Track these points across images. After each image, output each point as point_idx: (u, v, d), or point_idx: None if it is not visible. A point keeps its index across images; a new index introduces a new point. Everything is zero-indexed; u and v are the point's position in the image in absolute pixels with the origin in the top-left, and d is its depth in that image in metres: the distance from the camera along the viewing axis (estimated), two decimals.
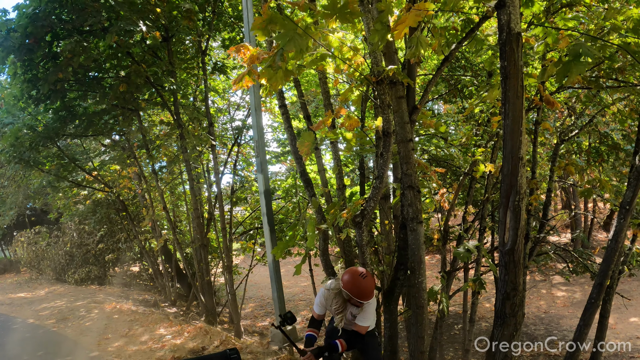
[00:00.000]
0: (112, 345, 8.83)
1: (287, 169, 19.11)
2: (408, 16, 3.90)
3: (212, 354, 1.74)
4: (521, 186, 3.82)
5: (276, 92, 6.09)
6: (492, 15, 4.87)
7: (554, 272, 16.68)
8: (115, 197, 13.89)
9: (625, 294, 11.05)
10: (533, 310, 13.97)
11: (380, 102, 5.25)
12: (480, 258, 7.73)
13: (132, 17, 7.96)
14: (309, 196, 7.79)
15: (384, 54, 5.28)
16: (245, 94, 13.77)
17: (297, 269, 5.70)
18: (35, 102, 9.24)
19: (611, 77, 6.79)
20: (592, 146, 10.17)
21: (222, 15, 11.32)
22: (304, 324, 14.72)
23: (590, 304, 5.84)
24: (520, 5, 4.31)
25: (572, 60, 3.73)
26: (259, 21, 3.96)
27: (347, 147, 6.24)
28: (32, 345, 9.03)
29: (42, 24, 7.87)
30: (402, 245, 5.79)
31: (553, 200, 17.22)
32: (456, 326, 12.89)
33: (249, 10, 7.62)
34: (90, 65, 9.09)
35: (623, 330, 11.38)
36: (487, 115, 8.38)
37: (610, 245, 5.56)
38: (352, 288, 4.62)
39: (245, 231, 14.40)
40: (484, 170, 7.22)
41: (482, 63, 9.05)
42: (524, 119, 3.86)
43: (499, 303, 4.13)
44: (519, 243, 3.90)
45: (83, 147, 13.78)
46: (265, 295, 18.76)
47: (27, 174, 13.40)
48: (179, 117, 10.50)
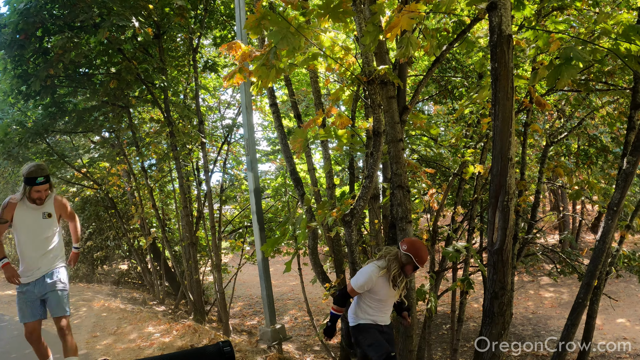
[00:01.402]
0: (100, 343, 8.79)
1: (277, 168, 19.14)
2: (401, 19, 3.92)
3: (206, 346, 1.74)
4: (510, 186, 3.84)
5: (267, 89, 6.10)
6: (484, 17, 4.90)
7: (542, 273, 16.79)
8: (104, 194, 13.81)
9: (613, 295, 11.12)
10: (521, 310, 14.05)
11: (371, 101, 5.27)
12: (469, 258, 7.77)
13: (125, 12, 7.93)
14: (298, 195, 7.81)
15: (375, 54, 5.30)
16: (236, 92, 13.77)
17: (287, 266, 5.71)
18: (25, 98, 9.19)
19: (601, 80, 6.86)
20: (581, 148, 10.26)
21: (214, 13, 11.29)
22: (292, 323, 14.73)
23: (578, 304, 5.89)
24: (511, 8, 4.34)
25: (563, 64, 3.76)
26: (252, 19, 3.97)
27: (339, 145, 6.25)
28: (20, 343, 8.96)
29: (33, 19, 7.82)
30: (391, 244, 5.81)
31: (542, 201, 17.31)
32: (444, 326, 12.95)
33: (241, 9, 7.61)
34: (81, 61, 9.06)
35: (610, 330, 11.48)
36: (477, 116, 8.42)
37: (598, 246, 5.61)
38: (416, 251, 4.61)
39: (235, 230, 14.38)
40: (473, 172, 7.25)
41: (473, 65, 9.10)
42: (514, 120, 3.89)
43: (488, 302, 4.16)
44: (508, 243, 3.93)
45: (72, 144, 13.70)
46: (254, 294, 18.76)
47: (16, 169, 13.30)
48: (169, 114, 10.47)
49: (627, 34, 4.24)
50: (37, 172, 5.14)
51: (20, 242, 5.34)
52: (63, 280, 5.50)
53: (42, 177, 5.14)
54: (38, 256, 5.33)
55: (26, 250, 5.32)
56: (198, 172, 12.26)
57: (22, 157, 10.58)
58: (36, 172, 5.14)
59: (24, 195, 5.23)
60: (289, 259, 5.95)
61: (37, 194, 5.18)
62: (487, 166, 7.46)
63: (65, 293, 5.51)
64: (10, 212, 5.25)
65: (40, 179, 5.14)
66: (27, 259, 5.31)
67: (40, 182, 5.14)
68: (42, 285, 5.31)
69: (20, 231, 5.34)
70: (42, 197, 5.24)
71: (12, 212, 5.25)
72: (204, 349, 1.88)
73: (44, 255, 5.38)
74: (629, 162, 5.30)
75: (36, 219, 5.33)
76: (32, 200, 5.23)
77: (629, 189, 5.50)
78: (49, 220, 5.41)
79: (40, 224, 5.35)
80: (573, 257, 8.87)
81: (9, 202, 5.25)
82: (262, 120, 18.64)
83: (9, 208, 5.23)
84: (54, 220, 5.47)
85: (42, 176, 5.15)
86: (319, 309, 15.47)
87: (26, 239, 5.32)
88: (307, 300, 10.12)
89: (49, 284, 5.34)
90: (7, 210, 5.23)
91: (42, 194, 5.21)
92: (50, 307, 5.38)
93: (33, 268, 5.32)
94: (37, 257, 5.32)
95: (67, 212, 5.67)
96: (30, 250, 5.32)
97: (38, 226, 5.36)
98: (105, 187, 13.60)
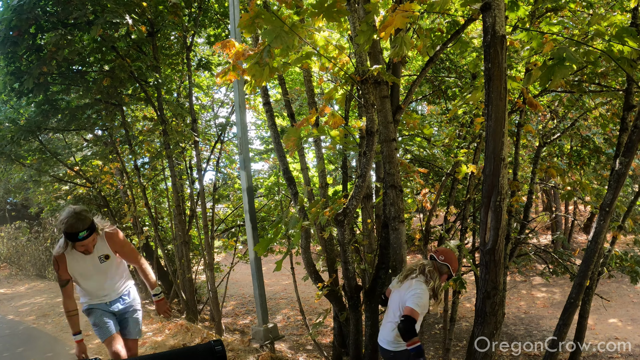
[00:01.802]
0: (92, 342, 8.75)
1: (270, 167, 19.11)
2: (395, 18, 3.92)
3: (198, 345, 1.74)
4: (503, 187, 3.86)
5: (260, 87, 6.10)
6: (478, 17, 4.92)
7: (534, 273, 16.85)
8: (96, 192, 13.75)
9: (605, 295, 11.17)
10: (513, 310, 14.08)
11: (364, 101, 5.27)
12: (462, 258, 7.78)
13: (119, 10, 7.90)
14: (291, 194, 7.80)
15: (369, 53, 5.31)
16: (229, 91, 13.75)
17: (277, 265, 5.70)
18: (18, 95, 9.13)
19: (594, 81, 6.88)
20: (574, 149, 10.30)
21: (208, 11, 11.28)
22: (284, 322, 14.72)
23: (570, 304, 5.90)
24: (505, 9, 4.35)
25: (556, 64, 3.77)
26: (246, 18, 3.96)
27: (333, 143, 6.27)
28: (12, 342, 8.95)
29: (26, 16, 7.78)
30: (383, 244, 5.82)
31: (534, 202, 17.37)
32: (437, 325, 12.97)
33: (235, 7, 7.60)
34: (74, 58, 9.02)
35: (602, 331, 11.51)
36: (470, 116, 8.44)
37: (590, 246, 5.63)
38: (452, 261, 4.57)
39: (227, 229, 14.36)
40: (466, 172, 7.27)
41: (467, 65, 9.12)
42: (507, 120, 3.90)
43: (480, 302, 4.17)
44: (500, 243, 3.94)
45: (65, 142, 13.64)
46: (247, 293, 18.74)
47: (8, 167, 13.24)
48: (162, 112, 10.45)
49: (620, 35, 4.26)
50: (77, 225, 4.37)
51: (86, 290, 4.88)
52: (138, 301, 5.26)
53: (84, 231, 4.39)
54: (108, 295, 4.96)
55: (95, 293, 4.90)
56: (191, 170, 12.22)
57: (15, 154, 10.53)
58: (76, 226, 4.37)
59: (69, 246, 4.59)
60: (281, 258, 5.95)
61: (83, 247, 4.56)
62: (480, 166, 7.47)
63: (140, 314, 5.28)
64: (64, 269, 4.64)
65: (83, 234, 4.40)
66: (96, 298, 4.92)
67: (83, 237, 4.41)
68: (117, 304, 5.02)
69: (82, 282, 4.84)
70: (90, 248, 4.62)
71: (65, 267, 4.65)
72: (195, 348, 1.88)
73: (114, 291, 5.01)
74: (621, 163, 5.32)
75: (94, 266, 4.77)
76: (79, 251, 4.63)
77: (621, 189, 5.52)
78: (108, 262, 4.84)
79: (99, 269, 4.80)
80: (565, 257, 8.90)
81: (56, 259, 4.61)
82: (256, 119, 18.62)
83: (62, 266, 4.61)
84: (114, 259, 4.90)
85: (83, 230, 4.39)
86: (311, 308, 15.47)
87: (91, 288, 4.85)
88: (300, 299, 10.12)
89: (127, 303, 5.09)
90: (61, 270, 4.63)
91: (89, 246, 4.57)
92: (126, 328, 5.08)
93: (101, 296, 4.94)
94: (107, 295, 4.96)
95: (125, 251, 5.03)
96: (98, 295, 4.91)
97: (97, 271, 4.81)
98: (98, 185, 13.54)
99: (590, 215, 17.60)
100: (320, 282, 7.17)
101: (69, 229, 4.34)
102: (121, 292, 5.04)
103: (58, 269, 4.62)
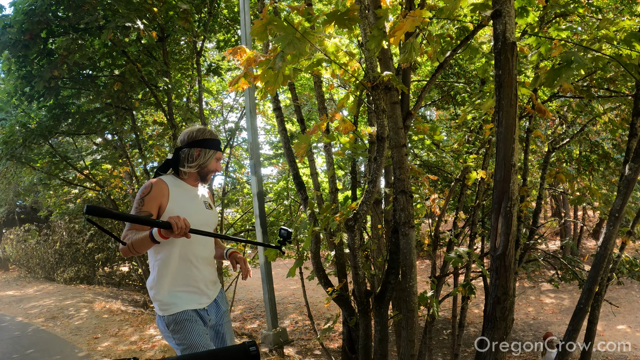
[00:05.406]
0: (101, 345, 8.81)
1: (279, 172, 19.16)
2: (405, 22, 3.95)
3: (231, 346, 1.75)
4: (513, 192, 3.87)
5: (272, 95, 6.13)
6: (487, 24, 4.94)
7: (543, 279, 16.81)
8: (106, 196, 13.82)
9: (614, 301, 11.15)
10: (522, 316, 14.07)
11: (375, 107, 5.29)
12: (470, 263, 7.79)
13: (130, 15, 7.97)
14: (301, 199, 7.83)
15: (379, 59, 5.33)
16: (239, 96, 13.83)
17: (291, 272, 5.74)
18: (29, 99, 9.20)
19: (603, 86, 6.88)
20: (583, 155, 10.28)
21: (218, 16, 11.35)
22: (292, 327, 14.74)
23: (579, 309, 5.89)
24: (515, 16, 4.36)
25: (564, 66, 3.79)
26: (258, 25, 3.99)
27: (342, 149, 6.30)
28: (21, 344, 9.00)
29: (38, 19, 7.86)
30: (393, 249, 5.83)
31: (543, 207, 17.34)
32: (445, 331, 12.97)
33: (245, 13, 7.66)
34: (85, 63, 9.09)
35: (611, 337, 11.49)
36: (479, 122, 8.45)
37: (600, 252, 5.62)
38: None
39: (236, 233, 14.40)
40: (475, 177, 7.27)
41: (476, 70, 9.13)
42: (517, 126, 3.91)
43: (490, 307, 4.18)
44: (510, 248, 3.95)
45: (75, 146, 13.73)
46: (255, 297, 18.79)
47: (18, 171, 13.33)
48: (172, 117, 10.50)
49: (628, 40, 4.27)
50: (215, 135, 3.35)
51: (180, 245, 3.12)
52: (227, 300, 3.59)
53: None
54: (211, 268, 3.37)
55: (194, 258, 3.18)
56: None
57: (25, 158, 10.61)
58: (214, 134, 3.35)
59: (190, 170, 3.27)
60: (290, 261, 5.97)
61: (217, 163, 3.39)
62: (489, 172, 7.48)
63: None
64: (157, 201, 3.05)
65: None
66: (195, 272, 3.19)
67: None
68: (216, 311, 3.36)
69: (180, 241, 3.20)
70: (220, 167, 3.43)
71: (161, 200, 3.07)
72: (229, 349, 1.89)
73: (213, 267, 3.45)
74: (630, 168, 5.32)
75: (201, 211, 3.31)
76: (203, 175, 3.34)
77: (631, 195, 5.52)
78: (212, 213, 3.44)
79: (206, 217, 3.32)
80: (574, 263, 8.89)
81: (155, 186, 3.07)
82: (265, 124, 18.69)
83: (158, 194, 3.05)
84: (215, 215, 3.51)
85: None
86: (319, 312, 15.50)
87: (191, 241, 2.98)
88: (308, 304, 10.14)
89: (223, 310, 3.44)
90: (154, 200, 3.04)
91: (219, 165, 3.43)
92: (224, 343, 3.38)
93: (203, 288, 3.25)
94: (210, 271, 3.35)
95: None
96: (199, 258, 3.22)
97: (206, 220, 3.30)
98: (108, 189, 13.61)
99: (599, 220, 17.54)
100: (330, 286, 7.19)
101: (213, 135, 3.33)
102: (218, 287, 3.49)
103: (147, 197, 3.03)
